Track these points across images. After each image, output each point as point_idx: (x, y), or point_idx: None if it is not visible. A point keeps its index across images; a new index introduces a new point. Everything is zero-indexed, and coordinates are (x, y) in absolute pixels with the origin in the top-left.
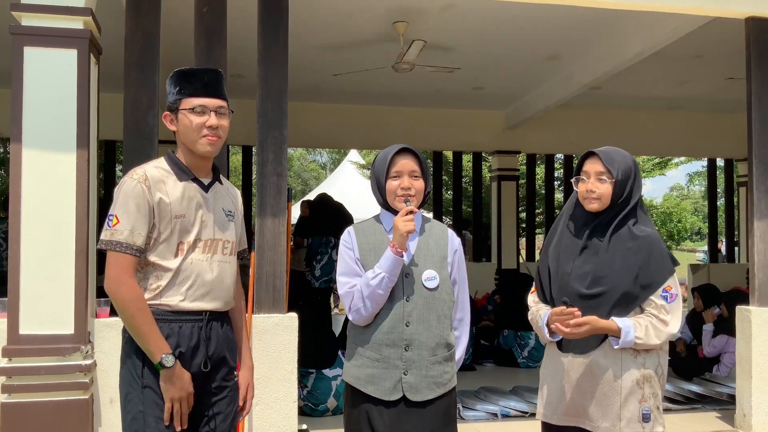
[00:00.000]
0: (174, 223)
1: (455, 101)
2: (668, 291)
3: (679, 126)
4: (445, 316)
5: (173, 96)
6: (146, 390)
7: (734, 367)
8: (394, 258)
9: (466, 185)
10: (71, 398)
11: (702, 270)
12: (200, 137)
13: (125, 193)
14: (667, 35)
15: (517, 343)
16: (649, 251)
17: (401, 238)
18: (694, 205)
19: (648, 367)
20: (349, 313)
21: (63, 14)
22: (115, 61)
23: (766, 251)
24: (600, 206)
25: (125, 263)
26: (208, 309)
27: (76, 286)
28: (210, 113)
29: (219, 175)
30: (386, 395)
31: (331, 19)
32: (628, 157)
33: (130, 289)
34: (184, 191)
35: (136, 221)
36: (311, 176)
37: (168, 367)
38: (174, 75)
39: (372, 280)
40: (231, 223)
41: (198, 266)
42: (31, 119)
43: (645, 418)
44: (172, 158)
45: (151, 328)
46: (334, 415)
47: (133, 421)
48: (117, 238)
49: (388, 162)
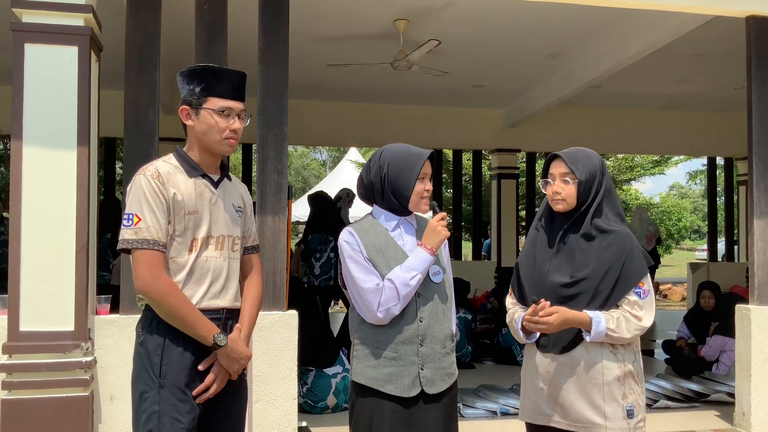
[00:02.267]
0: (187, 219)
1: (455, 99)
2: (641, 287)
3: (679, 124)
4: (449, 309)
5: (197, 92)
6: (163, 390)
7: (733, 366)
8: (431, 259)
9: (465, 183)
10: (71, 395)
11: (701, 269)
12: (223, 139)
13: (141, 191)
14: (667, 34)
15: (517, 342)
16: (621, 250)
17: (440, 242)
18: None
19: (627, 362)
20: (377, 311)
21: (64, 11)
22: (116, 58)
23: (765, 250)
24: (566, 207)
25: (155, 260)
26: (225, 306)
27: (76, 283)
28: (235, 117)
29: (227, 171)
30: (405, 392)
31: (331, 15)
32: (593, 157)
33: (166, 282)
34: (195, 187)
35: (157, 217)
36: (311, 174)
37: (223, 345)
38: (200, 70)
39: (411, 281)
40: (240, 219)
41: (213, 263)
42: (32, 116)
43: (629, 414)
44: (181, 154)
45: (196, 314)
46: (334, 412)
47: (148, 420)
48: (142, 236)
49: (423, 164)
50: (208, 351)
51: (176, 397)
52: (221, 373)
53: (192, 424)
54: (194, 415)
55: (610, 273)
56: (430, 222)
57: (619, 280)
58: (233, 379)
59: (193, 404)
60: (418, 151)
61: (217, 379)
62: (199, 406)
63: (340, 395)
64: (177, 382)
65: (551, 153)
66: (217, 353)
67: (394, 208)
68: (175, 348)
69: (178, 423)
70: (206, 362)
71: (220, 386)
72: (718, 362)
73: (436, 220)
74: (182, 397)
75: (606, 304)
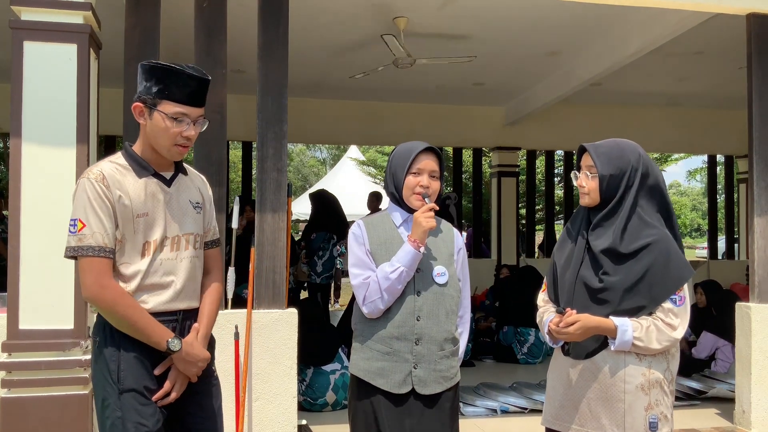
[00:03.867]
0: (137, 222)
1: (455, 97)
2: (677, 293)
3: (679, 122)
4: (453, 312)
5: (153, 91)
6: (123, 396)
7: (733, 364)
8: (414, 253)
9: (466, 181)
10: (71, 393)
11: (701, 267)
12: (173, 145)
13: (85, 195)
14: (667, 31)
15: (517, 339)
16: (654, 259)
17: (423, 233)
18: (694, 202)
19: (655, 370)
20: (363, 305)
21: (63, 9)
22: (115, 56)
23: (766, 248)
24: (591, 201)
25: (101, 267)
26: (181, 308)
27: (75, 281)
28: (189, 123)
29: (182, 165)
30: (396, 388)
31: (330, 13)
32: (627, 151)
33: (114, 290)
34: (146, 188)
35: (103, 222)
36: (311, 172)
37: (177, 350)
38: (159, 69)
39: (391, 274)
40: (199, 216)
41: (167, 266)
42: (31, 114)
43: (652, 426)
44: (129, 153)
45: (147, 320)
46: (334, 409)
47: (113, 427)
48: (87, 242)
49: (412, 158)
50: (165, 355)
51: (137, 402)
52: (179, 377)
53: (157, 426)
54: (159, 417)
55: (644, 281)
56: (415, 214)
57: (653, 288)
58: (193, 381)
59: (155, 407)
60: (414, 145)
61: (176, 384)
62: (162, 408)
63: (339, 391)
64: (136, 386)
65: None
66: (172, 358)
67: (400, 203)
68: (131, 353)
69: (142, 427)
70: (162, 366)
71: (181, 389)
72: (715, 360)
73: (421, 212)
74: (143, 401)
75: (638, 311)
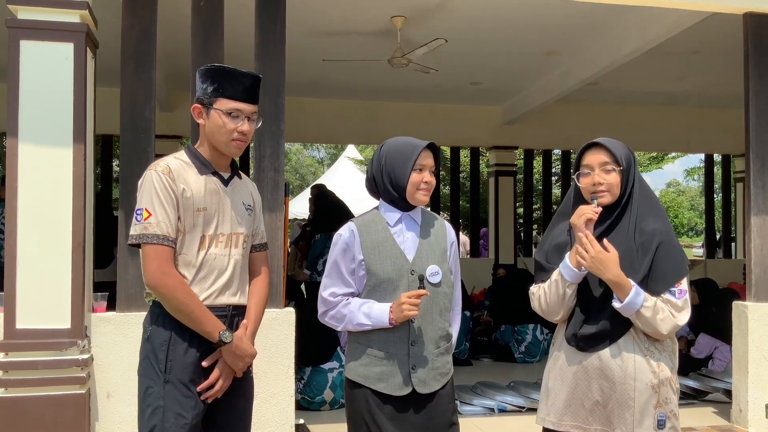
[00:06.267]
0: (197, 216)
1: (453, 96)
2: (677, 287)
3: (676, 121)
4: (446, 309)
5: (209, 91)
6: (168, 385)
7: (730, 362)
8: (386, 323)
9: (463, 180)
10: (68, 393)
11: (699, 266)
12: (230, 140)
13: (151, 186)
14: (664, 31)
15: (514, 338)
16: (656, 250)
17: (402, 318)
18: (691, 201)
19: (663, 368)
20: (320, 315)
21: (59, 7)
22: (112, 55)
23: (762, 247)
24: (612, 198)
25: (164, 255)
26: (231, 303)
27: (72, 280)
28: (244, 119)
29: (237, 169)
30: (397, 391)
31: (328, 12)
32: (625, 146)
33: (175, 277)
34: (206, 184)
35: (167, 212)
36: (308, 171)
37: (228, 342)
38: (213, 70)
39: (357, 326)
40: (250, 218)
41: (221, 260)
42: (28, 113)
43: (660, 424)
44: (192, 152)
45: (203, 310)
46: (331, 407)
47: (153, 415)
48: (151, 231)
49: (418, 155)
50: (214, 347)
51: (180, 393)
52: (226, 370)
53: (196, 420)
54: (198, 411)
55: (648, 276)
56: (401, 296)
57: (655, 284)
58: (238, 377)
59: (197, 400)
60: (415, 142)
61: (221, 376)
62: (204, 402)
63: (337, 390)
64: (182, 377)
65: (587, 142)
66: (222, 350)
67: (395, 201)
68: (181, 344)
69: (181, 418)
70: (211, 359)
71: (226, 383)
72: (713, 359)
73: (406, 296)
74: (186, 392)
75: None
